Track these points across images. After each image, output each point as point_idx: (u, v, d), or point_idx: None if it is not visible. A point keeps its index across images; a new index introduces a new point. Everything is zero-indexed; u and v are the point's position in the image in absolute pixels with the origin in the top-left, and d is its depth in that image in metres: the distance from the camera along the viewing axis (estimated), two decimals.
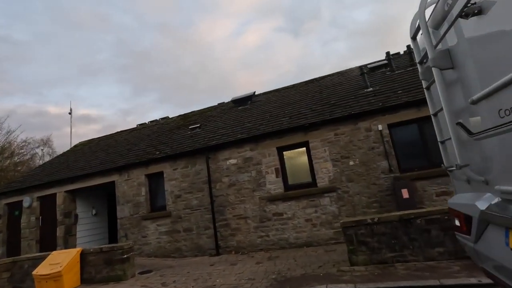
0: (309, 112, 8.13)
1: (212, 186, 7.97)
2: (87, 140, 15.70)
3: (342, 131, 7.10)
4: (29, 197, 10.48)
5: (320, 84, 10.81)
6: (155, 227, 8.54)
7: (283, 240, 7.15)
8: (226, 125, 9.67)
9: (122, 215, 9.06)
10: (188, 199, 8.28)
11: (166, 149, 9.35)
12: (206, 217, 7.99)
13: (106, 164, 10.06)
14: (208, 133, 9.50)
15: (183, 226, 8.22)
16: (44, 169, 12.54)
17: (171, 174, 8.65)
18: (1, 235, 10.75)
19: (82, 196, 10.70)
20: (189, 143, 9.22)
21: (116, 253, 6.50)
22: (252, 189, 7.65)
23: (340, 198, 6.84)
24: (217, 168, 8.12)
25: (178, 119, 13.33)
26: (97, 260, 6.64)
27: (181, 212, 8.31)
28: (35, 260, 7.30)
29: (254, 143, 7.86)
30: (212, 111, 12.57)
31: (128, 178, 9.21)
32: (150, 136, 11.81)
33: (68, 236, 9.90)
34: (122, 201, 9.15)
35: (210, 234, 7.85)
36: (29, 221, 10.38)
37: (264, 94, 12.35)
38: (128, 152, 10.51)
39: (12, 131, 32.08)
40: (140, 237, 8.65)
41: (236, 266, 6.21)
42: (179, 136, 10.38)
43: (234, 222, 7.68)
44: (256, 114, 9.73)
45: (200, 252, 7.88)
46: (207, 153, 8.17)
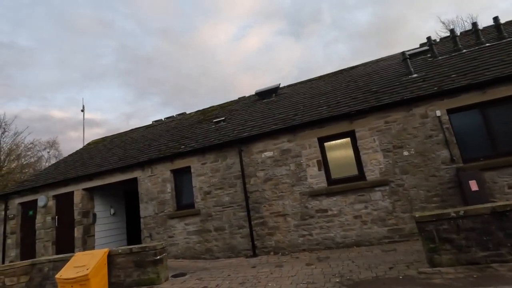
0: (350, 101, 7.49)
1: (245, 181, 7.32)
2: (100, 138, 15.14)
3: (394, 118, 6.44)
4: (44, 196, 9.89)
5: (351, 74, 10.17)
6: (183, 226, 7.90)
7: (328, 239, 6.48)
8: (254, 118, 9.04)
9: (146, 214, 8.43)
10: (219, 196, 7.64)
11: (191, 143, 8.73)
12: (239, 215, 7.34)
13: (126, 160, 9.46)
14: (236, 126, 8.87)
15: (214, 225, 7.57)
16: (57, 167, 11.96)
17: (199, 169, 8.02)
18: (15, 236, 10.16)
19: (100, 195, 10.10)
20: (215, 136, 8.59)
21: (148, 254, 5.86)
22: (291, 183, 7.00)
23: (393, 192, 6.17)
24: (251, 162, 7.48)
25: (196, 114, 12.73)
26: (126, 262, 6.01)
27: (211, 210, 7.66)
28: (56, 263, 6.69)
29: (291, 134, 7.21)
30: (234, 105, 11.96)
31: (151, 174, 8.59)
32: (170, 131, 11.21)
33: (87, 237, 9.28)
34: (145, 199, 8.53)
35: (244, 234, 7.20)
36: (45, 221, 9.78)
37: (289, 86, 11.73)
38: (148, 148, 9.90)
39: (19, 132, 31.78)
40: (167, 237, 8.01)
41: (283, 268, 5.55)
42: (202, 130, 9.76)
43: (272, 220, 7.03)
44: (286, 106, 9.10)
45: (234, 253, 7.22)
46: (240, 145, 7.53)
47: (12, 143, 31.35)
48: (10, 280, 6.74)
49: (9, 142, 31.10)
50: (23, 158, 33.39)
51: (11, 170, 31.46)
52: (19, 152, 32.43)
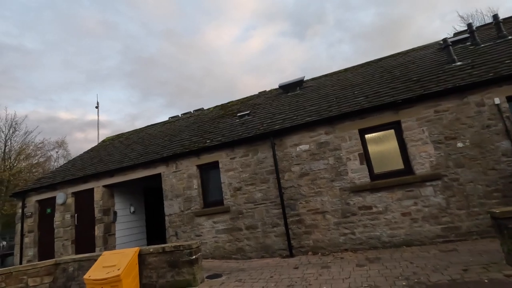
0: (389, 91, 7.00)
1: (279, 176, 6.87)
2: (115, 135, 14.84)
3: (445, 107, 5.94)
4: (63, 193, 9.55)
5: (380, 65, 9.67)
6: (211, 224, 7.47)
7: (373, 238, 5.99)
8: (282, 111, 8.59)
9: (171, 212, 8.03)
10: (250, 192, 7.20)
11: (217, 137, 8.31)
12: (273, 212, 6.89)
13: (148, 155, 9.07)
14: (263, 119, 8.42)
15: (245, 223, 7.13)
16: (74, 164, 11.64)
17: (228, 164, 7.59)
18: (32, 235, 9.84)
19: (120, 192, 9.74)
20: (242, 130, 8.16)
21: (182, 254, 5.44)
22: (330, 178, 6.53)
23: (447, 187, 5.67)
24: (285, 156, 7.03)
25: (215, 109, 12.33)
26: (158, 262, 5.60)
27: (242, 207, 7.23)
28: (82, 262, 6.32)
29: (329, 126, 6.75)
30: (255, 99, 11.53)
31: (176, 170, 8.18)
32: (190, 126, 10.81)
33: (108, 235, 8.91)
34: (170, 196, 8.12)
35: (279, 232, 6.74)
36: (63, 220, 9.44)
37: (313, 80, 11.27)
38: (170, 143, 9.51)
39: (29, 132, 31.77)
40: (194, 236, 7.60)
41: (331, 269, 5.08)
42: (226, 124, 9.34)
43: (309, 217, 6.56)
44: (315, 98, 8.63)
45: (268, 253, 6.77)
46: (272, 138, 7.09)
47: (23, 142, 31.40)
48: (34, 281, 6.38)
49: (20, 141, 31.14)
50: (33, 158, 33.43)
51: (22, 169, 31.48)
52: (29, 152, 32.48)
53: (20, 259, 9.69)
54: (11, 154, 30.63)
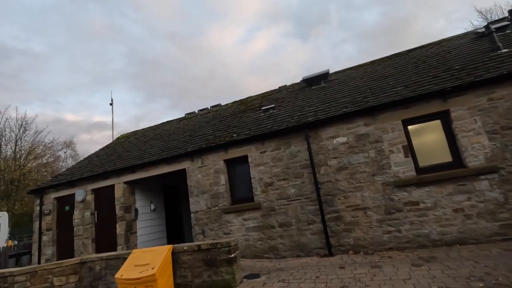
0: (432, 79, 6.57)
1: (315, 170, 6.49)
2: (130, 132, 14.57)
3: (500, 94, 5.50)
4: (83, 190, 9.27)
5: (412, 56, 9.23)
6: (241, 221, 7.11)
7: (422, 236, 5.57)
8: (310, 103, 8.21)
9: (197, 208, 7.68)
10: (283, 188, 6.83)
11: (244, 131, 7.95)
12: (308, 208, 6.50)
13: (170, 151, 8.74)
14: (292, 112, 8.05)
15: (278, 220, 6.75)
16: (90, 161, 11.37)
17: (258, 158, 7.22)
18: (51, 233, 9.56)
19: (140, 189, 9.42)
20: (271, 123, 7.79)
21: (220, 252, 5.09)
22: (371, 172, 6.13)
23: (505, 181, 5.23)
24: (320, 149, 6.64)
25: (234, 105, 11.98)
26: (194, 261, 5.24)
27: (274, 204, 6.85)
28: (109, 261, 6.00)
29: (369, 117, 6.35)
30: (276, 94, 11.15)
31: (202, 165, 7.83)
32: (211, 122, 10.47)
33: (129, 233, 8.59)
34: (196, 192, 7.77)
35: (316, 230, 6.35)
36: (83, 217, 9.15)
37: (336, 73, 10.86)
38: (192, 139, 9.17)
39: (39, 131, 31.81)
40: (222, 234, 7.24)
41: (384, 269, 4.68)
42: (251, 118, 8.98)
43: (349, 214, 6.16)
44: (346, 90, 8.23)
45: (304, 252, 6.38)
46: (307, 131, 6.70)
47: (33, 142, 31.42)
48: (59, 280, 6.07)
49: (30, 140, 31.17)
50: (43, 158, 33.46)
51: (32, 169, 31.50)
52: (39, 151, 32.50)
53: (38, 258, 9.43)
54: (21, 154, 30.69)
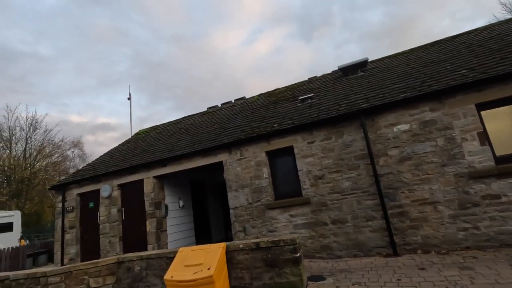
0: (500, 61, 5.92)
1: (374, 161, 5.87)
2: (149, 128, 14.06)
3: None
4: (109, 185, 8.73)
5: (464, 40, 8.55)
6: (287, 218, 6.51)
7: (505, 233, 4.93)
8: (355, 91, 7.59)
9: (237, 204, 7.09)
10: (336, 181, 6.22)
11: (285, 121, 7.35)
12: (366, 203, 5.89)
13: (203, 143, 8.17)
14: (337, 100, 7.44)
15: (330, 216, 6.14)
16: (112, 156, 10.85)
17: (305, 149, 6.63)
18: (74, 231, 9.03)
19: (169, 184, 8.87)
20: (315, 112, 7.18)
21: (283, 251, 4.49)
22: (440, 163, 5.50)
23: None
24: (378, 138, 6.03)
25: (262, 97, 11.40)
26: (251, 261, 4.65)
27: (325, 198, 6.25)
28: (151, 260, 5.43)
29: (436, 102, 5.72)
30: (307, 84, 10.57)
31: (241, 157, 7.25)
32: (240, 114, 9.90)
33: (160, 231, 8.03)
34: (235, 186, 7.19)
35: (376, 227, 5.74)
36: (109, 214, 8.61)
37: (372, 62, 10.23)
38: (224, 131, 8.60)
39: (49, 130, 31.51)
40: (266, 232, 6.65)
41: (479, 271, 4.05)
42: (288, 108, 8.39)
43: (415, 209, 5.54)
44: (394, 76, 7.61)
45: (362, 251, 5.77)
46: (363, 118, 6.09)
47: (43, 141, 31.12)
48: (95, 282, 5.51)
49: (40, 139, 30.87)
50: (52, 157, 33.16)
51: (42, 167, 31.18)
52: (50, 150, 32.19)
53: (61, 257, 8.90)
54: (31, 152, 30.38)
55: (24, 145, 29.75)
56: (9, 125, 29.45)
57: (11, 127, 29.54)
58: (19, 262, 11.10)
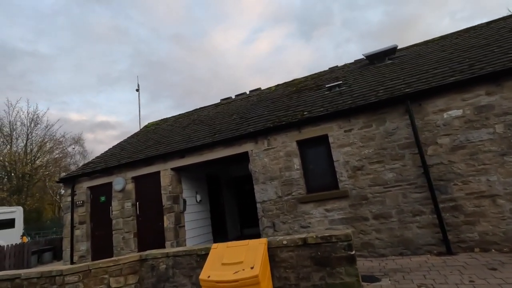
0: None
1: (422, 151, 5.34)
2: (159, 120, 13.49)
3: None
4: (122, 178, 8.17)
5: (502, 25, 8.03)
6: (322, 212, 5.98)
7: None
8: (390, 78, 7.05)
9: (265, 198, 6.55)
10: (377, 172, 5.68)
11: (315, 109, 6.81)
12: (413, 196, 5.36)
13: (224, 133, 7.61)
14: (370, 87, 6.90)
15: (372, 211, 5.61)
16: (123, 148, 10.29)
17: (341, 138, 6.09)
18: (84, 226, 8.48)
19: (186, 177, 8.32)
20: (347, 99, 6.64)
21: (336, 248, 3.97)
22: (499, 152, 4.97)
23: None
24: (426, 125, 5.50)
25: (280, 87, 10.85)
26: (297, 259, 4.12)
27: (366, 191, 5.71)
28: (178, 258, 4.90)
29: (493, 84, 5.18)
30: (329, 74, 10.02)
31: (269, 147, 6.71)
32: (259, 104, 9.35)
33: (178, 227, 7.49)
34: (262, 179, 6.65)
35: (425, 222, 5.21)
36: (123, 209, 8.06)
37: (399, 50, 9.67)
38: (246, 120, 8.04)
39: (51, 125, 30.87)
40: (298, 228, 6.11)
41: None
42: (314, 97, 7.84)
43: (470, 203, 5.01)
44: (430, 62, 7.06)
45: (409, 249, 5.24)
46: (408, 103, 5.56)
47: (44, 136, 30.49)
48: (116, 281, 4.96)
49: (42, 134, 30.24)
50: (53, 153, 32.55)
51: (43, 164, 30.55)
52: (51, 146, 31.55)
53: (71, 254, 8.35)
54: (32, 148, 29.75)
55: (25, 140, 29.13)
56: (9, 120, 28.82)
57: (12, 122, 28.92)
58: (24, 259, 10.56)
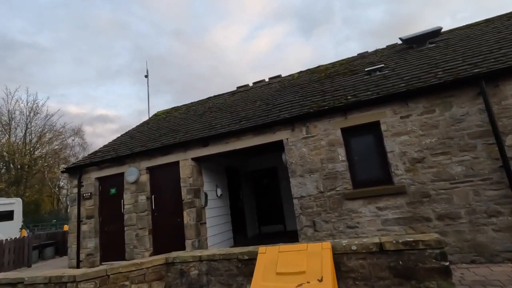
0: None
1: (501, 140, 4.53)
2: (169, 108, 12.63)
3: None
4: (135, 168, 7.33)
5: None
6: (374, 211, 5.17)
7: None
8: (444, 60, 6.20)
9: (304, 193, 5.73)
10: (442, 165, 4.87)
11: (360, 93, 5.97)
12: (488, 194, 4.55)
13: (253, 119, 6.77)
14: (419, 69, 6.06)
15: (435, 210, 4.81)
16: (133, 137, 9.43)
17: (397, 124, 5.26)
18: (93, 221, 7.65)
19: (206, 169, 7.49)
20: (395, 82, 5.81)
21: (423, 256, 3.17)
22: None
23: None
24: (504, 111, 4.67)
25: (304, 74, 9.99)
26: (371, 268, 3.33)
27: (427, 187, 4.90)
28: (214, 263, 4.11)
29: None
30: (359, 59, 9.15)
31: (308, 135, 5.88)
32: (286, 90, 8.49)
33: (200, 224, 6.68)
34: (300, 171, 5.82)
35: (503, 225, 4.41)
36: (136, 203, 7.23)
37: (439, 34, 8.82)
38: (273, 107, 7.19)
39: (50, 115, 29.89)
40: (344, 228, 5.31)
41: None
42: (353, 81, 6.99)
43: None
44: (491, 43, 6.22)
45: (483, 256, 4.45)
46: (483, 84, 4.72)
47: (44, 126, 29.53)
48: None
49: (41, 124, 29.29)
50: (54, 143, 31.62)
51: (43, 155, 29.63)
52: (51, 136, 30.60)
53: (77, 251, 7.53)
54: (31, 138, 28.79)
55: (24, 130, 28.17)
56: (8, 109, 27.84)
57: (11, 111, 27.93)
58: (24, 255, 9.76)
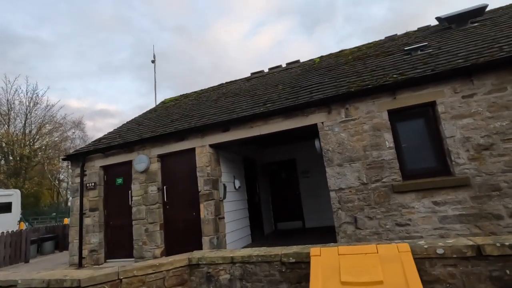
0: None
1: None
2: (178, 95, 11.84)
3: None
4: (145, 156, 6.56)
5: None
6: (429, 206, 4.41)
7: None
8: (495, 37, 5.41)
9: (342, 185, 4.96)
10: None
11: (407, 71, 5.18)
12: None
13: (280, 101, 5.98)
14: (474, 44, 5.26)
15: (507, 206, 4.05)
16: (141, 123, 8.65)
17: (458, 105, 4.48)
18: (97, 214, 6.90)
19: (225, 158, 6.74)
20: (449, 57, 5.02)
21: None
22: None
23: None
24: None
25: (325, 58, 9.20)
26: (466, 279, 2.58)
27: (497, 179, 4.14)
28: (250, 265, 3.37)
29: None
30: (390, 42, 8.34)
31: (347, 118, 5.09)
32: (312, 73, 7.69)
33: (218, 219, 5.92)
34: (338, 160, 5.05)
35: None
36: (146, 194, 6.47)
37: (483, 13, 7.99)
38: (299, 90, 6.40)
39: (51, 105, 29.08)
40: (393, 226, 4.55)
41: None
42: (388, 62, 6.20)
43: None
44: None
45: None
46: None
47: (44, 117, 28.76)
48: None
49: (41, 115, 28.51)
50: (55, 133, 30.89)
51: (43, 146, 28.89)
52: (51, 128, 29.82)
53: (79, 247, 6.80)
54: (31, 128, 28.02)
55: (23, 120, 27.37)
56: (7, 98, 27.01)
57: (10, 101, 27.12)
58: (21, 250, 9.05)
